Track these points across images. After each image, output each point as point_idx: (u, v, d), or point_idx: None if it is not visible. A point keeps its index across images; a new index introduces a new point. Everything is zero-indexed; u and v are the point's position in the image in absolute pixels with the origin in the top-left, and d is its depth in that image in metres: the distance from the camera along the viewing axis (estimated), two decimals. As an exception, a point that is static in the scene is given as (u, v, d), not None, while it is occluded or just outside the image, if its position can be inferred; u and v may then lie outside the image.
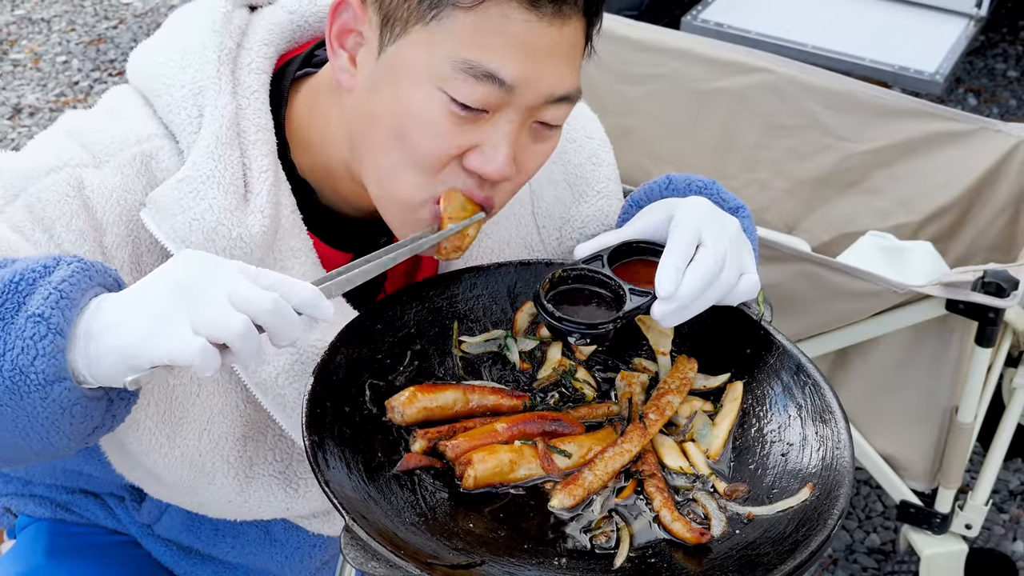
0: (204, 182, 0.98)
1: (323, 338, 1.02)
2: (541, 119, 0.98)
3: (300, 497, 1.09)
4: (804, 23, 2.99)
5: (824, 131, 2.25)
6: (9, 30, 3.97)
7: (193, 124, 1.01)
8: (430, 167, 0.97)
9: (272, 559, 1.23)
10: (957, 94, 3.76)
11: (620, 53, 2.33)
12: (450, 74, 0.93)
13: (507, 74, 0.93)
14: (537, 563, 0.90)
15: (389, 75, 0.96)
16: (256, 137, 1.02)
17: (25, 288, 0.84)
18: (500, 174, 0.97)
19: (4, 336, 0.83)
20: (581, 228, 1.18)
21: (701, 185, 1.12)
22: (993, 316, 1.71)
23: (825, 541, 0.89)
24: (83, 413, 0.85)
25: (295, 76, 1.07)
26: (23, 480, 1.27)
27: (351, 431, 0.96)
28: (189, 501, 1.11)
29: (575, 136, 1.20)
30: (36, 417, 0.83)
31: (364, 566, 0.85)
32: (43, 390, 0.83)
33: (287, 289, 0.87)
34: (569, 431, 1.01)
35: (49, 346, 0.82)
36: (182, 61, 1.03)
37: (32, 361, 0.82)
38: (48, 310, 0.82)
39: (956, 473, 1.88)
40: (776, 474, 0.98)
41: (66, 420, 0.84)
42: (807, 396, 1.02)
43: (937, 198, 2.20)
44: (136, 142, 1.01)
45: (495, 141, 0.96)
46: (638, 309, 0.99)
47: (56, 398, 0.83)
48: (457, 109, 0.94)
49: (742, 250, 1.02)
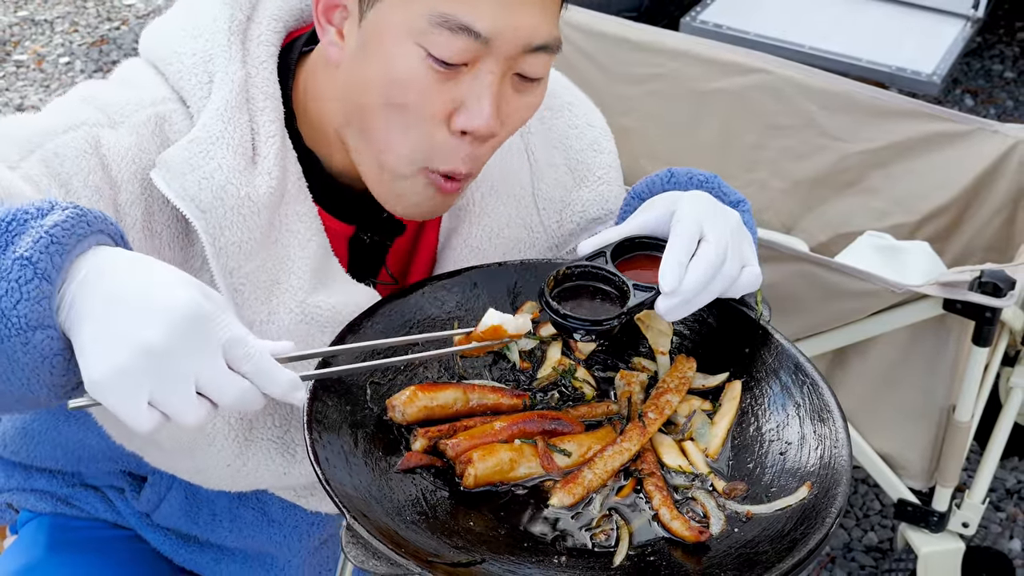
0: (214, 143, 1.00)
1: (327, 299, 1.05)
2: (520, 71, 0.99)
3: (297, 463, 1.11)
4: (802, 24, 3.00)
5: (822, 131, 2.25)
6: (12, 31, 3.97)
7: (203, 89, 1.03)
8: (422, 131, 0.99)
9: (270, 540, 1.24)
10: (954, 95, 3.77)
11: (619, 54, 2.33)
12: (427, 28, 0.95)
13: (482, 26, 0.94)
14: (537, 561, 0.90)
15: (371, 40, 0.98)
16: (264, 104, 1.04)
17: (16, 228, 0.81)
18: (488, 127, 0.98)
19: None
20: (581, 212, 1.20)
21: (702, 179, 1.13)
22: (990, 316, 1.71)
23: (823, 539, 0.89)
24: (64, 365, 0.82)
25: (301, 52, 1.10)
26: (25, 475, 1.28)
27: (352, 430, 0.96)
28: (187, 468, 1.11)
29: (577, 123, 1.22)
30: (16, 362, 0.80)
31: (365, 564, 0.86)
32: (23, 335, 0.79)
33: (265, 379, 0.84)
34: (569, 430, 1.02)
35: (34, 291, 0.79)
36: (193, 31, 1.06)
37: (15, 305, 0.78)
38: (36, 254, 0.79)
39: (953, 472, 1.88)
40: (774, 473, 0.98)
41: (46, 369, 0.81)
42: (805, 395, 1.03)
43: (934, 198, 2.20)
44: (151, 104, 1.03)
45: (478, 94, 0.97)
46: (642, 304, 0.99)
47: (37, 345, 0.80)
48: (436, 65, 0.96)
49: (743, 243, 1.03)
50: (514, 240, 1.17)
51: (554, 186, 1.19)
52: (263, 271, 1.04)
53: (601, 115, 1.26)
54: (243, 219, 1.01)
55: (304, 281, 1.05)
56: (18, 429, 1.25)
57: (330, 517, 1.25)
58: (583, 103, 1.24)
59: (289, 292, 1.05)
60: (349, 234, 1.13)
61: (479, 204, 1.15)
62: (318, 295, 1.05)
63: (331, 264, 1.09)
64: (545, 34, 0.98)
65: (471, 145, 1.00)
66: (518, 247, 1.18)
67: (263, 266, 1.04)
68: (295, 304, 1.05)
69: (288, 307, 1.05)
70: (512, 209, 1.16)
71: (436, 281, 1.10)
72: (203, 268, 1.04)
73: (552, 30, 0.99)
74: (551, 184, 1.19)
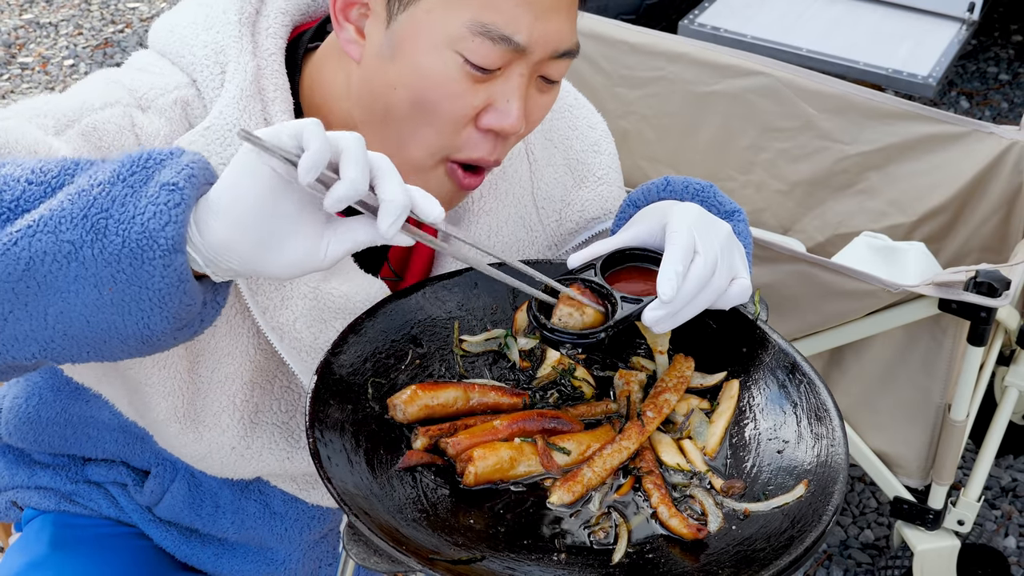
0: (231, 130, 1.02)
1: (339, 287, 1.07)
2: (544, 74, 1.04)
3: (300, 449, 1.13)
4: (799, 27, 3.01)
5: (819, 133, 2.26)
6: (17, 34, 3.98)
7: (216, 80, 1.05)
8: (449, 129, 1.02)
9: (272, 532, 1.25)
10: (950, 97, 3.78)
11: (618, 57, 2.34)
12: (467, 36, 0.98)
13: (521, 37, 0.99)
14: (537, 558, 0.91)
15: (403, 43, 1.00)
16: (275, 95, 1.06)
17: (154, 165, 0.84)
18: (515, 127, 1.02)
19: (133, 202, 0.82)
20: (580, 212, 1.21)
21: (698, 187, 1.14)
22: (985, 315, 1.72)
23: (820, 537, 0.90)
24: (192, 293, 0.85)
25: (307, 47, 1.11)
26: (29, 472, 1.29)
27: (353, 428, 0.97)
28: (193, 452, 1.12)
29: (578, 124, 1.23)
30: (150, 287, 0.82)
31: (366, 562, 0.86)
32: (168, 257, 0.82)
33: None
34: (568, 429, 1.03)
35: (181, 215, 0.82)
36: (205, 23, 1.07)
37: (163, 226, 0.81)
38: (183, 181, 0.82)
39: (949, 470, 1.89)
40: (772, 471, 0.99)
41: (178, 296, 0.84)
42: (802, 394, 1.03)
43: (930, 199, 2.21)
44: (175, 88, 1.05)
45: (508, 95, 1.01)
46: (629, 317, 1.00)
47: (178, 267, 0.82)
48: (472, 70, 0.99)
49: (734, 255, 1.04)
50: (513, 239, 1.18)
51: (553, 185, 1.20)
52: None
53: (602, 118, 1.27)
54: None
55: None
56: (23, 418, 1.25)
57: (331, 511, 1.26)
58: (584, 106, 1.26)
59: (304, 279, 1.06)
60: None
61: (478, 203, 1.16)
62: (330, 283, 1.07)
63: None
64: (570, 41, 1.03)
65: (495, 141, 1.04)
66: (517, 246, 1.19)
67: None
68: (308, 290, 1.07)
69: (302, 292, 1.06)
70: (511, 208, 1.17)
71: (437, 281, 1.11)
72: None
73: (575, 36, 1.04)
74: (551, 183, 1.20)
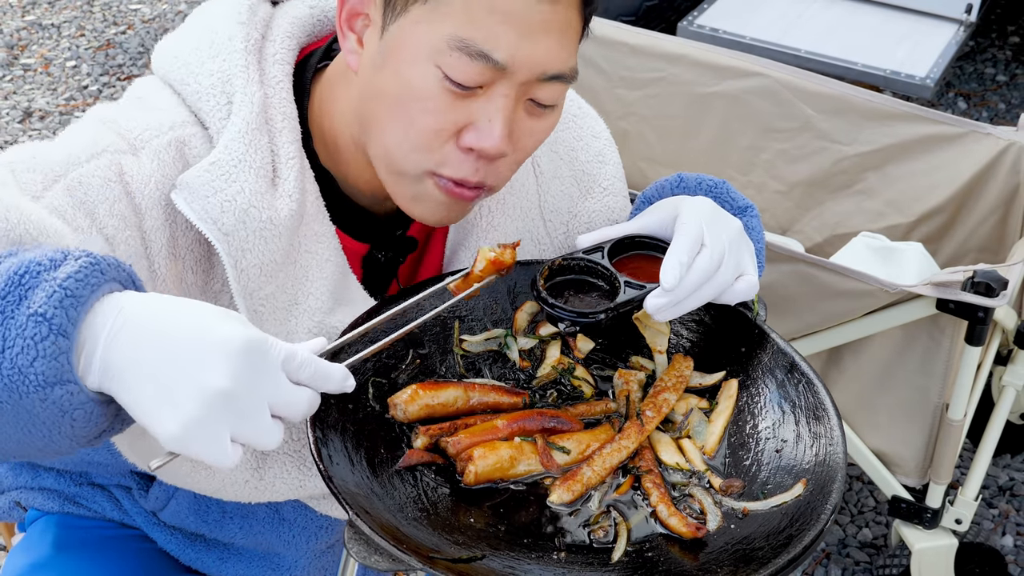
0: (236, 165, 0.99)
1: (344, 320, 1.05)
2: (533, 97, 0.99)
3: (313, 476, 1.11)
4: (798, 28, 3.01)
5: (817, 134, 2.27)
6: (19, 35, 3.98)
7: (222, 111, 1.02)
8: (428, 143, 0.99)
9: (280, 538, 1.24)
10: (947, 98, 3.79)
11: (618, 58, 2.34)
12: (445, 50, 0.95)
13: (500, 55, 0.94)
14: (536, 557, 0.91)
15: (391, 53, 0.98)
16: (282, 125, 1.04)
17: (29, 282, 0.78)
18: (496, 149, 0.98)
19: (4, 332, 0.77)
20: (587, 223, 1.20)
21: (711, 184, 1.14)
22: (983, 315, 1.73)
23: (818, 535, 0.90)
24: (86, 417, 0.80)
25: (316, 68, 1.10)
26: (32, 474, 1.28)
27: (354, 428, 0.97)
28: (206, 485, 1.11)
29: (582, 135, 1.22)
30: (36, 417, 0.78)
31: (367, 560, 0.87)
32: (42, 391, 0.77)
33: (322, 380, 0.86)
34: (568, 428, 1.03)
35: (51, 347, 0.76)
36: (210, 51, 1.04)
37: (32, 362, 0.76)
38: (51, 309, 0.76)
39: (947, 469, 1.89)
40: (770, 470, 1.00)
41: (67, 423, 0.79)
42: (801, 393, 1.04)
43: (928, 200, 2.22)
44: (170, 128, 1.02)
45: (489, 115, 0.97)
46: (631, 302, 1.00)
47: (56, 400, 0.77)
48: (451, 86, 0.96)
49: (742, 251, 1.04)
50: (520, 253, 1.18)
51: (560, 197, 1.19)
52: (282, 292, 1.03)
53: (605, 125, 1.26)
54: (265, 242, 1.00)
55: (322, 301, 1.05)
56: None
57: (339, 522, 1.25)
58: (588, 115, 1.24)
59: (307, 313, 1.05)
60: (363, 253, 1.13)
61: (486, 218, 1.15)
62: (335, 315, 1.05)
63: (349, 283, 1.08)
64: (560, 64, 0.98)
65: (477, 161, 1.00)
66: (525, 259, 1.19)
67: (282, 287, 1.03)
68: (313, 324, 1.05)
69: (306, 327, 1.04)
70: (519, 221, 1.16)
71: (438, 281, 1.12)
72: (223, 290, 1.03)
73: (568, 60, 0.98)
74: (557, 196, 1.19)
